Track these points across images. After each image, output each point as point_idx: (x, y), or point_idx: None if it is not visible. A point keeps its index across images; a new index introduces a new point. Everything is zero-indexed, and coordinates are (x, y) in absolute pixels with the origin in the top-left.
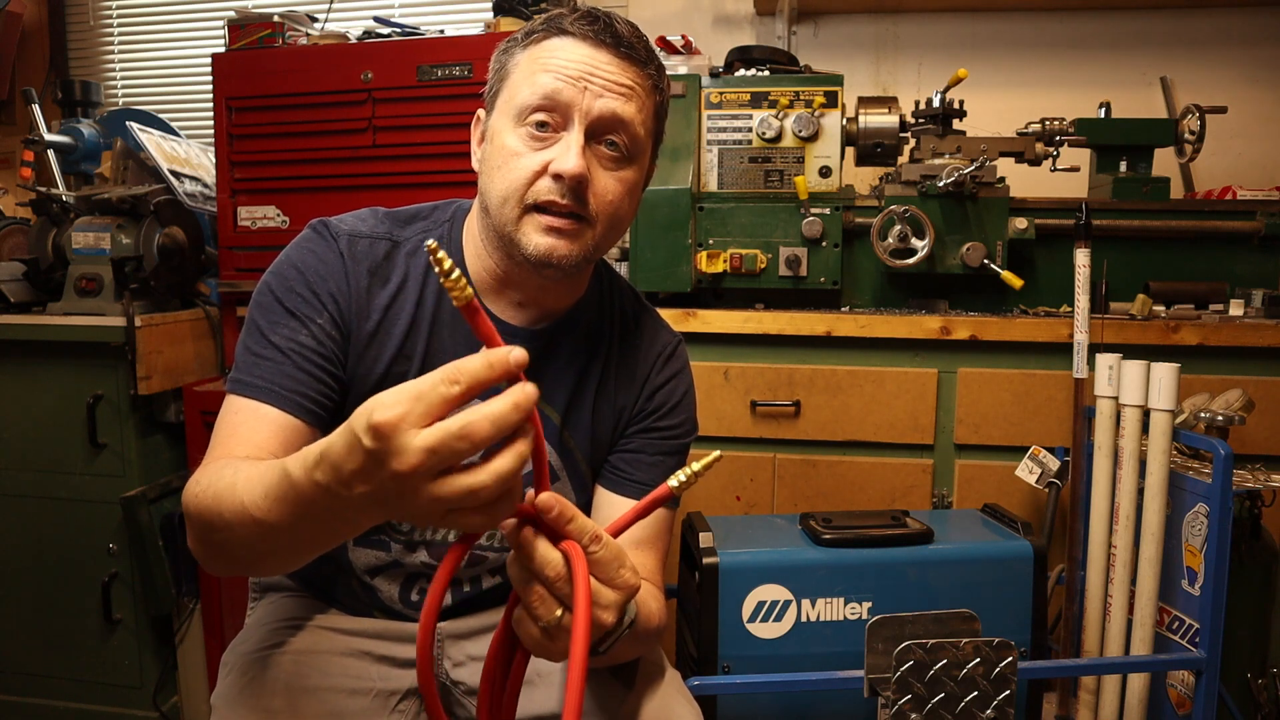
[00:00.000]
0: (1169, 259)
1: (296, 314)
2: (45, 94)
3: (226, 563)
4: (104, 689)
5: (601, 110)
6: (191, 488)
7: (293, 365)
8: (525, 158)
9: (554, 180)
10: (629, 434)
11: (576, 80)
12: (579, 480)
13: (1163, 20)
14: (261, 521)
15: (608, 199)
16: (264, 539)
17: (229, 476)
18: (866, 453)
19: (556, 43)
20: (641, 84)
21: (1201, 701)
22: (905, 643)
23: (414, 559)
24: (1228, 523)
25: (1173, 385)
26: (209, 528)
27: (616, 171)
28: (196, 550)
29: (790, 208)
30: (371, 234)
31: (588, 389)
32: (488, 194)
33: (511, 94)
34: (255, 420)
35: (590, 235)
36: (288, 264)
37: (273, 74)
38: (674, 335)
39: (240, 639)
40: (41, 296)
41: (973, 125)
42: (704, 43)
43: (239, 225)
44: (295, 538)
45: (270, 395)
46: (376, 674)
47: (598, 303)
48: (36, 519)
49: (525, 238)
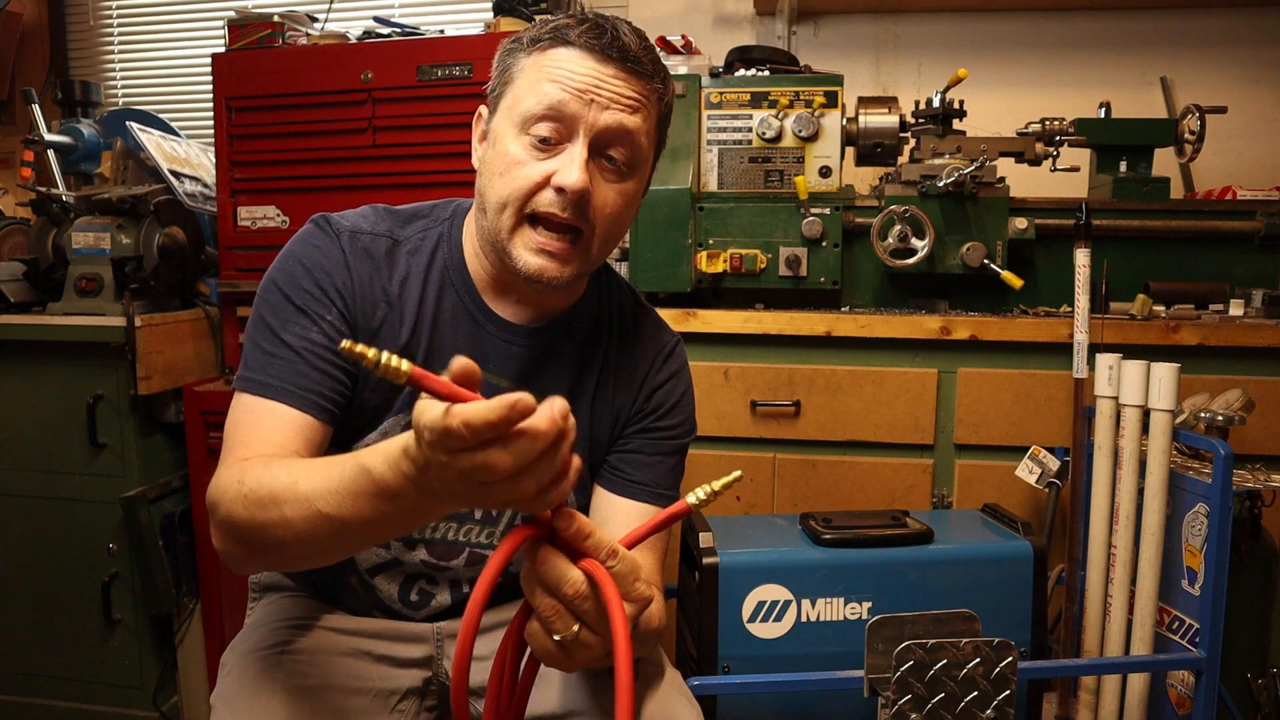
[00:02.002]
0: (1169, 259)
1: (306, 310)
2: (45, 94)
3: (272, 559)
4: (104, 689)
5: (607, 123)
6: (235, 489)
7: (306, 365)
8: (528, 166)
9: (556, 193)
10: (627, 434)
11: (583, 93)
12: (579, 482)
13: (1163, 20)
14: (331, 517)
15: (607, 211)
16: (333, 535)
17: (285, 476)
18: (866, 453)
19: (563, 53)
20: (647, 97)
21: (1201, 701)
22: (905, 643)
23: (413, 557)
24: (1228, 523)
25: (1173, 385)
26: (262, 527)
27: (618, 184)
28: (234, 551)
29: (790, 208)
30: (373, 231)
31: (585, 389)
32: (486, 197)
33: (515, 99)
34: (275, 420)
35: (584, 249)
36: (293, 260)
37: (273, 74)
38: (673, 335)
39: (240, 639)
40: (41, 296)
41: (973, 125)
42: (704, 43)
43: (239, 225)
44: (365, 530)
45: (288, 395)
46: (376, 674)
47: (596, 303)
48: (36, 519)
49: (517, 253)
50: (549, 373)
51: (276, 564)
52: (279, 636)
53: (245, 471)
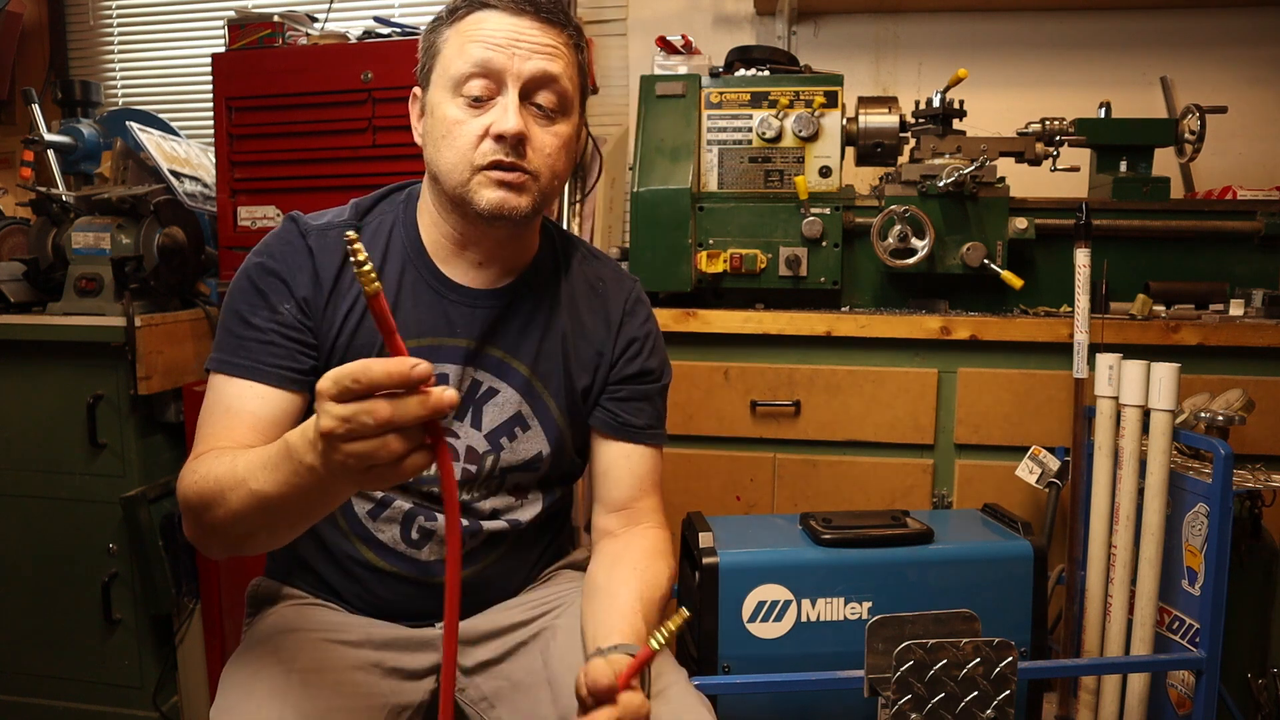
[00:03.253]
0: (1169, 259)
1: (270, 295)
2: (45, 94)
3: (221, 541)
4: (104, 689)
5: (533, 71)
6: (188, 476)
7: (272, 344)
8: (467, 124)
9: (496, 141)
10: (615, 381)
11: (505, 47)
12: (551, 427)
13: (1163, 20)
14: (257, 493)
15: (546, 153)
16: (260, 511)
17: (229, 461)
18: (866, 453)
19: (481, 15)
20: (564, 44)
21: (1201, 701)
22: (905, 643)
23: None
24: (1228, 522)
25: (1173, 385)
26: (205, 507)
27: (551, 126)
28: (192, 534)
29: (790, 208)
30: (339, 223)
31: (554, 339)
32: (436, 163)
33: (445, 67)
34: (246, 398)
35: (535, 188)
36: (264, 252)
37: (273, 74)
38: (633, 279)
39: (241, 656)
40: (41, 296)
41: (973, 125)
42: (704, 43)
43: (239, 225)
44: (284, 506)
45: (258, 373)
46: (388, 688)
47: (552, 258)
48: (36, 519)
49: (477, 195)
50: (514, 327)
51: (229, 546)
52: (284, 655)
53: (201, 463)
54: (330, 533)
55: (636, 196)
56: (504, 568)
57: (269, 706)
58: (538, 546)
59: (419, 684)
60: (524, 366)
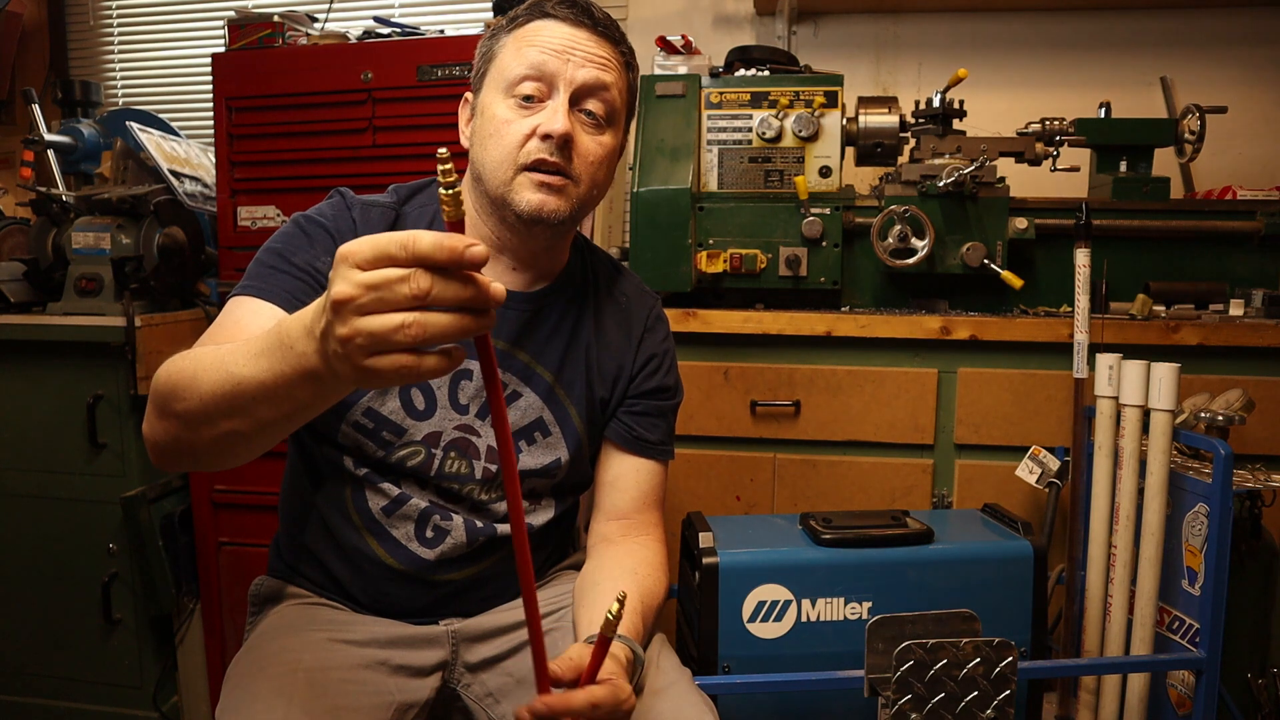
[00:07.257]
0: (1169, 259)
1: (316, 244)
2: (45, 94)
3: (183, 436)
4: (104, 689)
5: (585, 78)
6: (165, 366)
7: (304, 283)
8: (516, 124)
9: (542, 140)
10: (633, 395)
11: (560, 53)
12: (572, 435)
13: (1163, 20)
14: (234, 374)
15: (589, 159)
16: (229, 396)
17: (212, 350)
18: (866, 453)
19: (541, 23)
20: (617, 59)
21: (1201, 701)
22: (905, 643)
23: (422, 496)
24: (1228, 523)
25: (1173, 385)
26: (174, 394)
27: (598, 135)
28: (151, 429)
29: (790, 208)
30: (381, 204)
31: (579, 348)
32: (481, 162)
33: (500, 71)
34: (264, 312)
35: (575, 193)
36: (314, 212)
37: (273, 74)
38: (654, 295)
39: (245, 655)
40: (41, 296)
41: (973, 125)
42: (704, 43)
43: (239, 225)
44: (259, 394)
45: (280, 298)
46: (394, 686)
47: (580, 269)
48: (36, 519)
49: (518, 195)
50: (542, 334)
51: (190, 447)
52: (288, 654)
53: (182, 355)
54: (342, 526)
55: (636, 196)
56: (510, 568)
57: (275, 706)
58: (544, 550)
59: (424, 681)
60: (548, 373)
